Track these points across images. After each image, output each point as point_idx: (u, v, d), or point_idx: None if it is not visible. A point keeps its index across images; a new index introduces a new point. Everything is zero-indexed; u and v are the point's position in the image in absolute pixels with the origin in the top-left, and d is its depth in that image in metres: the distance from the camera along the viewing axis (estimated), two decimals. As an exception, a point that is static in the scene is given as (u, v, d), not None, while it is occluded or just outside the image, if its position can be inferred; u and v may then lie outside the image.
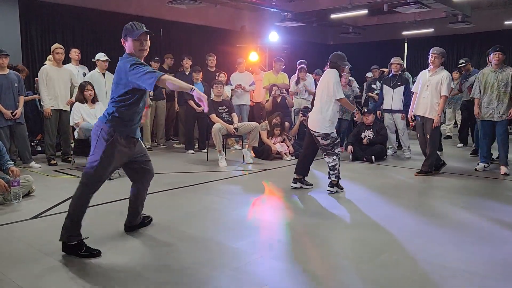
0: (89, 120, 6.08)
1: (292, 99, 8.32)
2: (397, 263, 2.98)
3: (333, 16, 11.45)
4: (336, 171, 4.87)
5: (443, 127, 9.22)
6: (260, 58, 10.16)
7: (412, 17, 12.21)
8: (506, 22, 11.92)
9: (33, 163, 6.29)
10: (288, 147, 7.34)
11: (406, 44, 14.54)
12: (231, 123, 6.91)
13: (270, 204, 4.70)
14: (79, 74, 7.25)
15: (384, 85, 7.45)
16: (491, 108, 5.86)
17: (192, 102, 7.56)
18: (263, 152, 7.19)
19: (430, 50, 5.87)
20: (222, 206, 4.43)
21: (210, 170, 6.24)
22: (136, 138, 3.25)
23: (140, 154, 3.39)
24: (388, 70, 8.30)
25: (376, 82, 8.99)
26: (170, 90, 8.60)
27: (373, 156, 6.92)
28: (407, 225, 3.83)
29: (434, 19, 12.27)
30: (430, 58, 5.85)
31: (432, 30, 13.01)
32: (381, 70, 9.61)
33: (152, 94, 7.99)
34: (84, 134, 5.92)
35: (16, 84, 6.11)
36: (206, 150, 7.30)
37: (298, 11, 11.17)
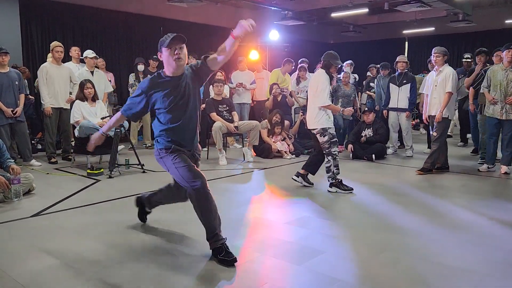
0: (89, 118, 6.08)
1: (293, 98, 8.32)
2: (396, 262, 2.98)
3: (333, 14, 11.43)
4: (331, 173, 4.86)
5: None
6: (260, 57, 10.15)
7: (412, 15, 12.20)
8: (507, 21, 11.90)
9: (33, 161, 6.29)
10: (289, 145, 7.35)
11: (407, 43, 14.52)
12: (232, 121, 6.92)
13: (270, 203, 4.70)
14: (79, 72, 7.25)
15: (391, 83, 7.42)
16: (499, 106, 5.78)
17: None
18: (264, 151, 7.20)
19: (432, 50, 5.84)
20: (222, 204, 4.42)
21: (211, 169, 6.25)
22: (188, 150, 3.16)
23: None
24: (381, 70, 8.28)
25: (374, 80, 8.98)
26: None
27: (373, 155, 6.92)
28: (407, 223, 3.83)
29: (435, 18, 12.25)
30: (432, 58, 5.84)
31: (432, 29, 13.00)
32: (378, 68, 9.60)
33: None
34: (84, 132, 5.92)
35: (16, 82, 6.11)
36: (206, 149, 7.31)
37: (299, 9, 11.17)
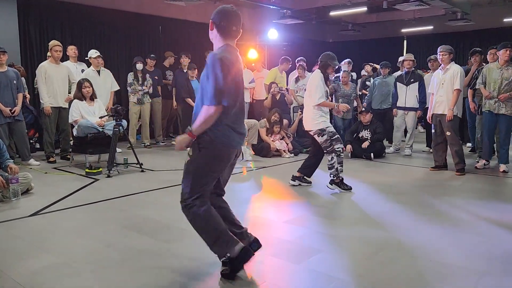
0: (87, 118, 6.07)
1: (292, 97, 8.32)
2: (395, 260, 2.98)
3: (332, 13, 11.42)
4: (334, 170, 4.85)
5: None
6: (259, 56, 10.14)
7: (411, 14, 12.19)
8: (506, 19, 11.90)
9: (32, 161, 6.28)
10: (287, 144, 7.34)
11: (406, 41, 14.51)
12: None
13: (268, 202, 4.70)
14: (77, 71, 7.24)
15: (398, 82, 7.38)
16: (493, 100, 5.79)
17: (190, 100, 7.54)
18: (262, 150, 7.19)
19: (438, 49, 5.79)
20: (221, 203, 4.43)
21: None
22: None
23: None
24: (380, 69, 8.28)
25: (370, 79, 8.97)
26: (168, 87, 8.66)
27: (372, 154, 6.92)
28: (406, 222, 3.84)
29: (433, 17, 12.24)
30: (439, 57, 5.80)
31: (431, 27, 12.99)
32: (373, 66, 9.62)
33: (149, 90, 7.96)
34: (82, 132, 5.91)
35: (14, 82, 6.10)
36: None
37: (297, 8, 11.14)
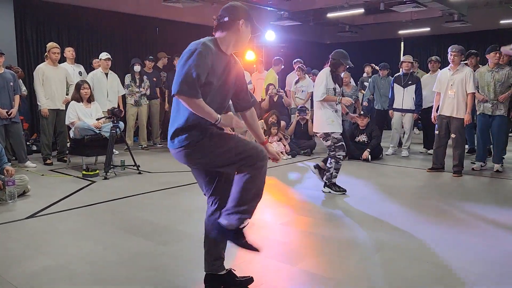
0: (84, 119, 6.05)
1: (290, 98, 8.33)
2: (391, 262, 2.98)
3: (329, 15, 11.44)
4: (328, 174, 4.84)
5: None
6: (262, 58, 10.14)
7: (408, 16, 12.23)
8: (502, 21, 11.94)
9: (28, 163, 6.26)
10: (285, 146, 7.34)
11: (403, 43, 14.56)
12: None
13: (265, 203, 4.69)
14: (74, 73, 7.23)
15: (395, 83, 7.36)
16: (489, 104, 5.81)
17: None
18: (260, 151, 7.17)
19: (449, 48, 5.71)
20: (218, 205, 4.42)
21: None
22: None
23: None
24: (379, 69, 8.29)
25: (369, 80, 8.98)
26: (164, 89, 8.65)
27: (369, 155, 6.92)
28: (403, 223, 3.84)
29: (430, 18, 12.28)
30: (449, 57, 5.69)
31: (428, 29, 13.03)
32: (374, 68, 9.62)
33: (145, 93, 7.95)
34: (80, 134, 5.90)
35: (11, 83, 6.08)
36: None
37: (295, 10, 11.16)
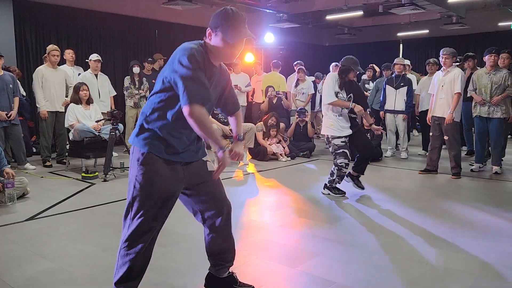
0: (83, 122, 6.06)
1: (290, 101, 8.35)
2: (390, 264, 2.99)
3: (328, 17, 11.48)
4: (331, 178, 4.84)
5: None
6: (260, 60, 10.16)
7: (407, 18, 12.27)
8: (500, 23, 11.99)
9: (28, 165, 6.26)
10: (284, 148, 7.35)
11: (401, 45, 14.60)
12: (227, 124, 6.91)
13: (265, 205, 4.70)
14: (74, 75, 7.22)
15: (387, 85, 7.41)
16: (486, 105, 5.84)
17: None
18: (259, 153, 7.20)
19: (441, 51, 5.77)
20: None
21: (206, 171, 6.24)
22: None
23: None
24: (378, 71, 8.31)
25: (370, 82, 8.99)
26: None
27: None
28: (402, 225, 3.84)
29: (429, 21, 12.33)
30: (441, 60, 5.77)
31: (427, 31, 13.08)
32: (375, 69, 9.63)
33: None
34: (79, 136, 5.90)
35: (10, 85, 6.08)
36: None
37: (294, 12, 11.20)
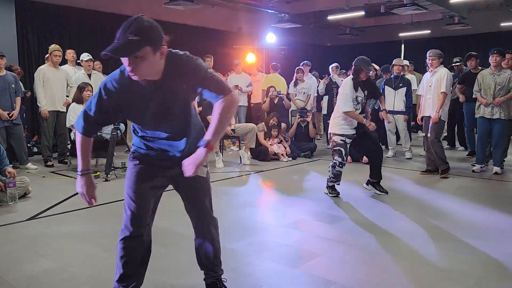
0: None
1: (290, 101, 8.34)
2: (392, 264, 2.99)
3: (330, 17, 11.48)
4: (327, 176, 4.86)
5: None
6: (257, 60, 10.16)
7: (408, 18, 12.26)
8: (503, 24, 11.97)
9: (29, 164, 6.27)
10: (285, 148, 7.35)
11: (403, 45, 14.59)
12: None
13: (266, 206, 4.70)
14: (75, 75, 7.23)
15: (386, 86, 7.42)
16: (490, 106, 5.85)
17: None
18: (260, 153, 7.20)
19: (427, 53, 5.85)
20: (219, 207, 4.39)
21: (207, 171, 6.24)
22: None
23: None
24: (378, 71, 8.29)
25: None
26: None
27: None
28: (403, 226, 3.84)
29: (431, 21, 12.32)
30: (428, 61, 5.84)
31: (428, 31, 13.06)
32: (377, 70, 9.59)
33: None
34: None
35: (13, 85, 6.10)
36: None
37: (295, 12, 11.20)
